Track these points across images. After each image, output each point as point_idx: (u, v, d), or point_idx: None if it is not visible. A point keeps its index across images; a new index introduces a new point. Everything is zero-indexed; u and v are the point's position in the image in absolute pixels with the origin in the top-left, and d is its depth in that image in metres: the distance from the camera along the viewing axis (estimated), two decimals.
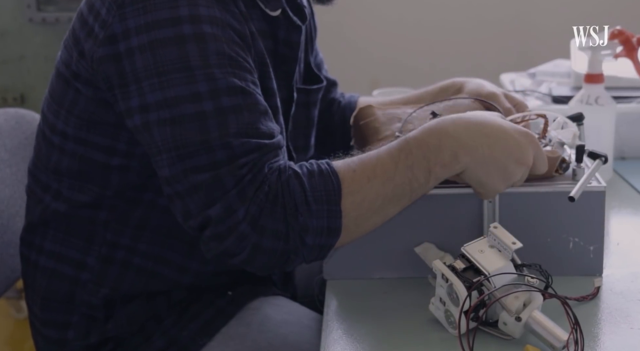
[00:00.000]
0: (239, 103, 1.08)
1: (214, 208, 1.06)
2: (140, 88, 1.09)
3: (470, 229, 1.17)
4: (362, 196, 1.08)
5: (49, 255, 1.27)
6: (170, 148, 1.07)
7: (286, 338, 1.25)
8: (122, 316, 1.25)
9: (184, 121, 1.07)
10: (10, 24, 2.89)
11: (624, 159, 1.68)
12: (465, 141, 1.09)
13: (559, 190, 1.16)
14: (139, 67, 1.08)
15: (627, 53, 1.57)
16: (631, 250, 1.28)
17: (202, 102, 1.07)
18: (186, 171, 1.07)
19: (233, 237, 1.06)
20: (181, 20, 1.07)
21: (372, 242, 1.19)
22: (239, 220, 1.05)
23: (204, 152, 1.06)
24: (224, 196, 1.06)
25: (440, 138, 1.09)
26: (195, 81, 1.07)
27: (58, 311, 1.27)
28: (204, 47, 1.07)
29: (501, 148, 1.09)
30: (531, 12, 3.11)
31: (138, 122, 1.10)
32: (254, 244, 1.06)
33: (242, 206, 1.05)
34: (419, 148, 1.09)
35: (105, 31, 1.11)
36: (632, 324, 1.06)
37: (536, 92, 1.79)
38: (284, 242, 1.07)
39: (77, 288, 1.25)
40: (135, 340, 1.25)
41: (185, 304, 1.27)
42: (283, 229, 1.06)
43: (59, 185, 1.24)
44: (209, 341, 1.24)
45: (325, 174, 1.08)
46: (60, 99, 1.22)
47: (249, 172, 1.06)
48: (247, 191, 1.06)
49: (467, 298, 1.00)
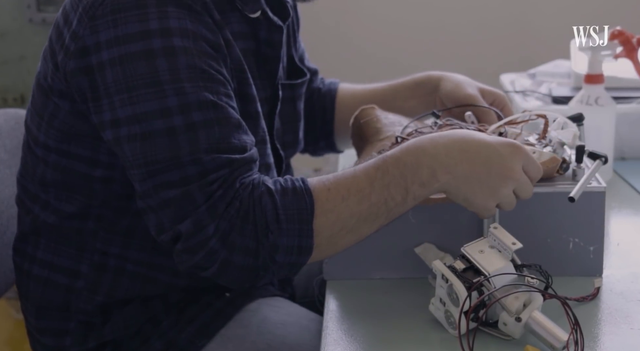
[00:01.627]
0: (210, 118, 1.07)
1: (184, 223, 1.05)
2: (112, 102, 1.08)
3: (470, 230, 1.17)
4: (336, 216, 1.06)
5: (41, 264, 1.26)
6: (141, 164, 1.07)
7: (285, 340, 1.24)
8: (118, 319, 1.25)
9: (154, 136, 1.06)
10: (10, 25, 2.89)
11: (624, 159, 1.68)
12: (443, 158, 1.06)
13: (559, 190, 1.16)
14: (109, 81, 1.07)
15: (627, 53, 1.57)
16: (631, 250, 1.28)
17: (172, 117, 1.06)
18: (157, 187, 1.06)
19: (203, 252, 1.05)
20: (151, 34, 1.06)
21: (373, 242, 1.18)
22: (209, 236, 1.05)
23: (174, 168, 1.06)
24: (194, 212, 1.05)
25: (418, 156, 1.06)
26: (165, 95, 1.05)
27: (54, 319, 1.26)
28: (174, 61, 1.06)
29: (482, 163, 1.06)
30: (531, 13, 3.11)
31: (110, 136, 1.10)
32: (224, 259, 1.05)
33: (212, 222, 1.04)
34: (396, 167, 1.07)
35: (76, 43, 1.10)
36: (632, 324, 1.06)
37: (536, 92, 1.79)
38: (253, 258, 1.06)
39: (72, 296, 1.25)
40: (133, 343, 1.25)
41: (182, 306, 1.26)
42: (253, 246, 1.05)
43: (47, 196, 1.24)
44: (208, 343, 1.24)
45: (299, 193, 1.06)
46: (41, 111, 1.22)
47: (220, 188, 1.05)
48: (217, 206, 1.05)
49: (467, 299, 1.00)
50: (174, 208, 1.06)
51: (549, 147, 1.19)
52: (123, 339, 1.25)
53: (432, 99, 1.44)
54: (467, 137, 1.08)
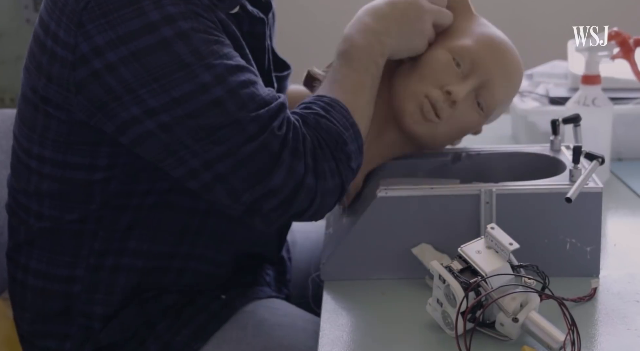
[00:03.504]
0: (243, 79, 1.10)
1: (276, 176, 1.08)
2: (138, 97, 1.07)
3: (468, 230, 1.17)
4: (360, 110, 1.19)
5: (36, 275, 1.25)
6: (202, 137, 1.07)
7: (281, 341, 1.24)
8: (115, 324, 1.24)
9: (204, 111, 1.07)
10: (7, 25, 2.89)
11: (621, 160, 1.68)
12: (378, 29, 1.24)
13: (556, 191, 1.16)
14: (128, 78, 1.07)
15: (624, 54, 1.57)
16: (628, 251, 1.28)
17: (212, 89, 1.07)
18: (227, 152, 1.08)
19: (302, 194, 1.10)
20: (157, 25, 1.07)
21: (370, 243, 1.19)
22: (302, 175, 1.09)
23: (237, 133, 1.07)
24: (279, 160, 1.08)
25: (366, 36, 1.23)
26: (196, 75, 1.07)
27: (57, 323, 1.26)
28: (190, 42, 1.08)
29: (400, 16, 1.25)
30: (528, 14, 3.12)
31: (152, 126, 1.08)
32: (322, 191, 1.11)
33: (300, 162, 1.09)
34: (361, 52, 1.22)
35: (73, 54, 1.09)
36: (629, 325, 1.06)
37: (533, 93, 1.79)
38: (338, 177, 1.13)
39: (71, 301, 1.24)
40: (129, 346, 1.25)
41: (178, 308, 1.26)
42: (334, 166, 1.12)
43: (40, 206, 1.23)
44: (203, 346, 1.24)
45: (334, 104, 1.16)
46: (31, 124, 1.20)
47: (288, 131, 1.10)
48: (296, 147, 1.10)
49: (464, 299, 1.00)
50: (254, 163, 1.08)
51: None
52: (119, 343, 1.25)
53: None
54: (376, 4, 1.27)
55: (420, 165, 1.35)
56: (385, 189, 1.18)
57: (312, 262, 1.51)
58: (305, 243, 1.58)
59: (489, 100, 1.28)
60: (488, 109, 1.29)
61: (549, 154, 1.33)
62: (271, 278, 1.41)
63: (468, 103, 1.27)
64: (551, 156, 1.32)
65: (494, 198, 1.16)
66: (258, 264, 1.39)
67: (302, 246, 1.57)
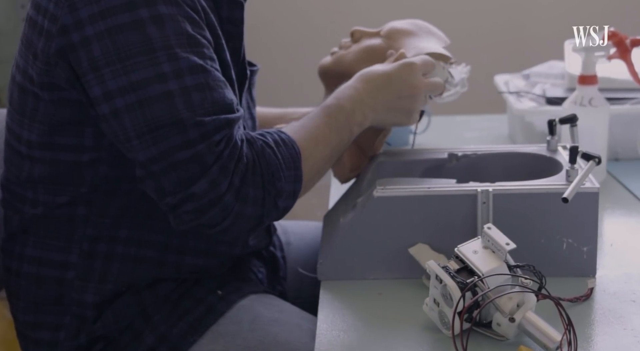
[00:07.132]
0: (201, 81, 1.11)
1: (198, 184, 1.10)
2: (100, 76, 1.10)
3: (464, 230, 1.17)
4: (313, 161, 1.21)
5: (30, 261, 1.26)
6: (144, 132, 1.10)
7: (277, 337, 1.25)
8: (108, 314, 1.25)
9: (152, 102, 1.09)
10: (4, 24, 2.89)
11: (618, 160, 1.68)
12: (366, 100, 1.26)
13: (553, 191, 1.16)
14: (97, 55, 1.09)
15: (621, 55, 1.57)
16: (624, 251, 1.28)
17: (168, 82, 1.09)
18: (163, 153, 1.10)
19: (217, 208, 1.11)
20: (137, 5, 1.09)
21: (367, 243, 1.19)
22: (223, 192, 1.10)
23: (178, 133, 1.09)
24: (207, 172, 1.10)
25: (353, 102, 1.25)
26: (159, 62, 1.09)
27: (49, 313, 1.26)
28: (163, 28, 1.09)
29: (391, 92, 1.27)
30: (526, 15, 3.12)
31: (106, 110, 1.11)
32: (237, 212, 1.12)
33: (225, 179, 1.10)
34: (342, 113, 1.24)
35: (56, 25, 1.11)
36: (625, 325, 1.06)
37: (530, 93, 1.79)
38: (260, 207, 1.14)
39: (64, 288, 1.25)
40: (125, 338, 1.25)
41: (174, 299, 1.26)
42: (260, 195, 1.14)
43: (34, 194, 1.24)
44: (199, 339, 1.24)
45: (288, 143, 1.18)
46: (21, 108, 1.22)
47: (226, 147, 1.11)
48: (228, 164, 1.11)
49: (461, 299, 1.00)
50: (183, 170, 1.10)
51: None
52: (114, 334, 1.25)
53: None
54: (373, 74, 1.28)
55: (417, 165, 1.35)
56: (382, 189, 1.18)
57: (307, 262, 1.51)
58: (300, 244, 1.58)
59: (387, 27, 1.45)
60: (385, 31, 1.44)
61: (546, 154, 1.33)
62: (263, 275, 1.41)
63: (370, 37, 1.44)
64: (548, 156, 1.32)
65: (490, 198, 1.16)
66: (248, 260, 1.39)
67: (297, 247, 1.57)
